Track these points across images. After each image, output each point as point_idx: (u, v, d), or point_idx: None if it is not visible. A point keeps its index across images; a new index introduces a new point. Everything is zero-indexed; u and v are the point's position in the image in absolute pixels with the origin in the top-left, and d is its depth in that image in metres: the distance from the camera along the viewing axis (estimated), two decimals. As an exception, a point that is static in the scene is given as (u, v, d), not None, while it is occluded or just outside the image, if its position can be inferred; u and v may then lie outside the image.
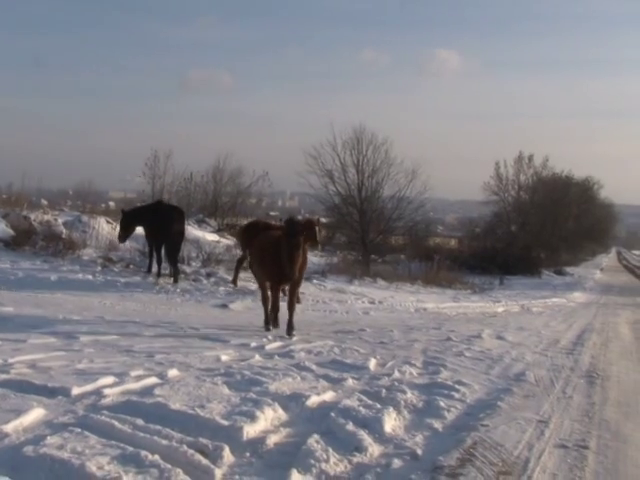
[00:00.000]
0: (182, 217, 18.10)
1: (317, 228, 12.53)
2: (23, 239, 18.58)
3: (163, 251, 17.10)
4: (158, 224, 16.94)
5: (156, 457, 4.57)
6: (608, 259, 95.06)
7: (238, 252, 19.18)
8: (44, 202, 29.49)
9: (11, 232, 18.73)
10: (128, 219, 17.58)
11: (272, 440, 5.30)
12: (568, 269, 50.67)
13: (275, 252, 10.58)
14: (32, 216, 20.27)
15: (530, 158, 60.19)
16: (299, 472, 4.68)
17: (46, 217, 20.56)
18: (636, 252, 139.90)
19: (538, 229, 55.92)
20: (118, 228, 18.17)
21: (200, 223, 28.04)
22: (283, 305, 11.33)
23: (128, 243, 18.35)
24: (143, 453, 4.59)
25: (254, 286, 17.59)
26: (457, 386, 7.73)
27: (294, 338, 10.48)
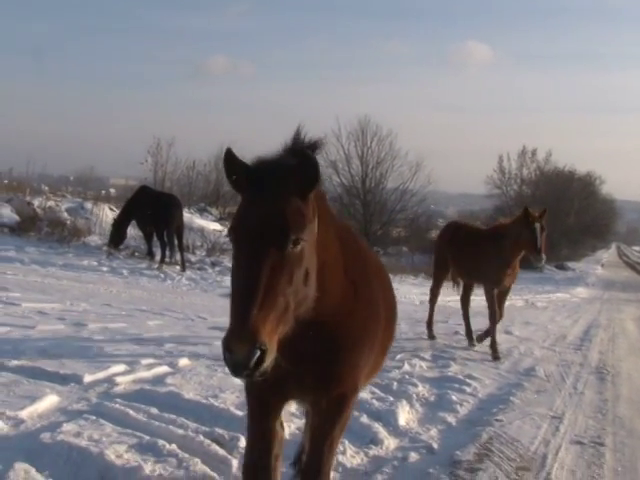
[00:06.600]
0: (179, 203, 18.09)
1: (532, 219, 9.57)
2: (28, 225, 18.53)
3: (166, 238, 17.03)
4: (157, 212, 16.87)
5: (173, 446, 4.54)
6: (608, 255, 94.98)
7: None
8: (45, 188, 29.38)
9: (16, 218, 18.67)
10: (120, 226, 17.56)
11: (287, 431, 5.26)
12: (569, 264, 50.60)
13: None
14: (35, 202, 20.20)
15: (533, 152, 60.20)
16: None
17: (49, 203, 20.48)
18: (636, 248, 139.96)
19: (540, 224, 55.72)
20: (109, 236, 17.82)
21: (202, 212, 27.96)
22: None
23: (133, 230, 18.27)
24: (160, 442, 4.56)
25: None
26: (468, 380, 7.72)
27: None
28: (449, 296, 19.87)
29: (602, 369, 9.35)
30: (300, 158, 2.85)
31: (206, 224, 23.45)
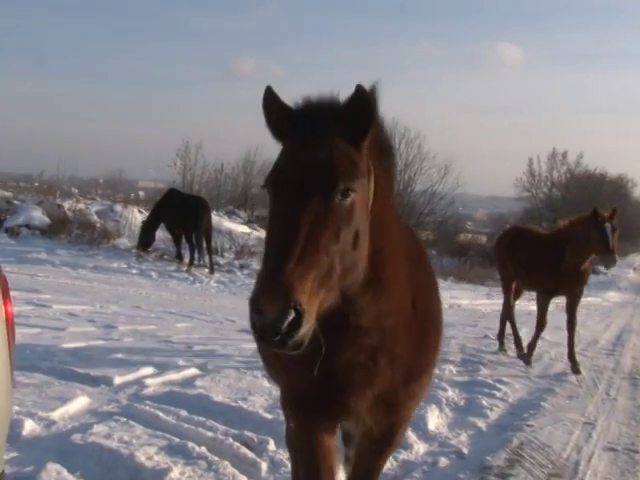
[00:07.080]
0: (207, 206, 18.15)
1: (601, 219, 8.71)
2: (59, 228, 18.78)
3: (194, 240, 17.11)
4: (186, 215, 16.94)
5: (203, 449, 4.55)
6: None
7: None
8: (75, 190, 29.73)
9: (47, 220, 18.90)
10: (149, 227, 17.65)
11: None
12: (601, 268, 49.89)
13: None
14: (66, 205, 20.43)
15: (564, 155, 59.45)
16: (345, 468, 4.61)
17: (79, 206, 20.70)
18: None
19: (570, 227, 55.14)
20: (138, 239, 17.91)
21: (230, 214, 28.04)
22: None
23: (161, 233, 18.40)
24: (190, 444, 4.58)
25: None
26: (498, 385, 7.64)
27: None
28: (477, 299, 19.80)
29: (635, 375, 9.21)
30: (352, 96, 2.30)
31: (234, 227, 23.52)
